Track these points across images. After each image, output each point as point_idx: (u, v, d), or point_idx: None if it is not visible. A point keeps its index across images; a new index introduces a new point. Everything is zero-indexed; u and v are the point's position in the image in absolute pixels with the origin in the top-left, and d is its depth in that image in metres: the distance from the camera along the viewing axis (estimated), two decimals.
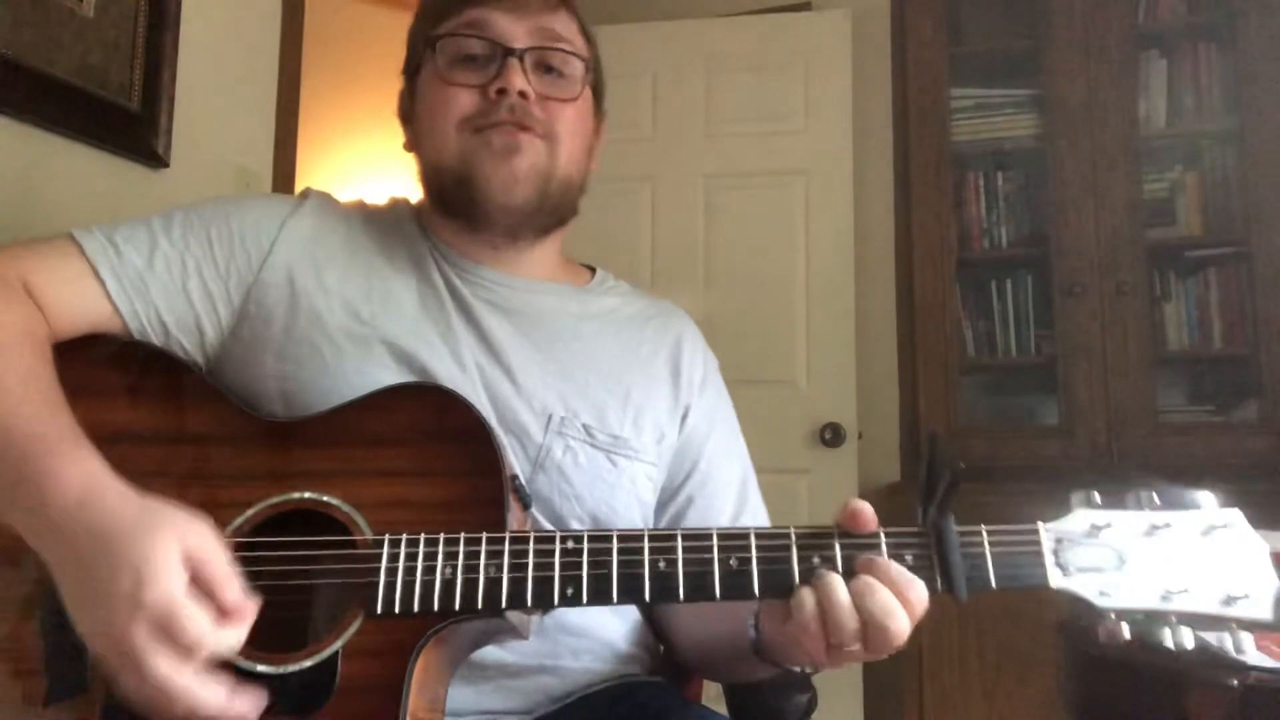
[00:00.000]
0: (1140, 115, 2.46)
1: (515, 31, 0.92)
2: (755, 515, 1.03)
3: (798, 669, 0.75)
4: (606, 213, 2.73)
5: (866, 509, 0.69)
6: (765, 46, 2.73)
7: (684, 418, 1.00)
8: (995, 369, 2.67)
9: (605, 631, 0.93)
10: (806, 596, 0.67)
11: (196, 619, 0.60)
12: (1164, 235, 2.46)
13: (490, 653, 0.83)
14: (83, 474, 0.67)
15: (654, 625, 1.01)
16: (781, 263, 2.65)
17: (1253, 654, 1.06)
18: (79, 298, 0.85)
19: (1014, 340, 2.59)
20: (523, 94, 0.90)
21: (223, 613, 0.62)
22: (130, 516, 0.63)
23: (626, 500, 0.93)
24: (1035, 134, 2.56)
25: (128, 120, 1.43)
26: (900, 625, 0.65)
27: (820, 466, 2.54)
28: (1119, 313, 2.40)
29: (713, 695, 1.07)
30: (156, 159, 1.48)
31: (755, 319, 2.62)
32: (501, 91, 0.90)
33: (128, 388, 0.83)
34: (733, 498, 1.01)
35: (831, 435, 2.54)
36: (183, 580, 0.61)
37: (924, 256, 2.56)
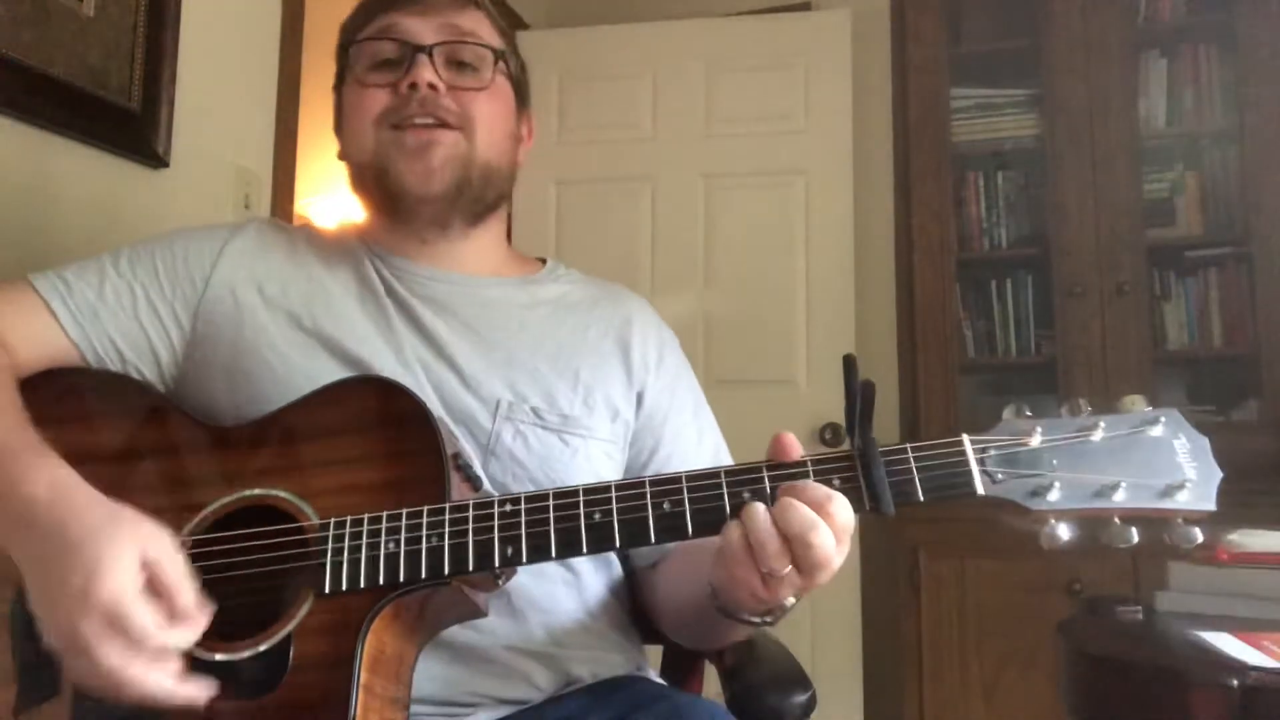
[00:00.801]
0: (1140, 115, 2.46)
1: (423, 30, 0.94)
2: None
3: (756, 620, 0.76)
4: (606, 213, 2.73)
5: (791, 439, 0.72)
6: (765, 46, 2.73)
7: (639, 398, 1.01)
8: (995, 369, 2.67)
9: (574, 610, 0.93)
10: (733, 527, 0.69)
11: (144, 616, 0.64)
12: (1164, 235, 2.46)
13: (461, 635, 0.84)
14: (51, 478, 0.70)
15: (642, 604, 1.02)
16: (781, 263, 2.65)
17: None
18: (35, 332, 0.89)
19: (1014, 340, 2.59)
20: (432, 86, 0.93)
21: (176, 616, 0.66)
22: (94, 518, 0.67)
23: (583, 480, 0.93)
24: (1035, 134, 2.56)
25: (128, 120, 1.43)
26: (822, 539, 0.67)
27: None
28: (1119, 313, 2.39)
29: (712, 694, 1.07)
30: (156, 159, 1.48)
31: (755, 319, 2.62)
32: (412, 86, 0.92)
33: (84, 412, 0.86)
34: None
35: (831, 435, 2.54)
36: (135, 581, 0.64)
37: (924, 256, 2.56)
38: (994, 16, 2.63)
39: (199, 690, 0.66)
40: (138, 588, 0.64)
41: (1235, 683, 1.01)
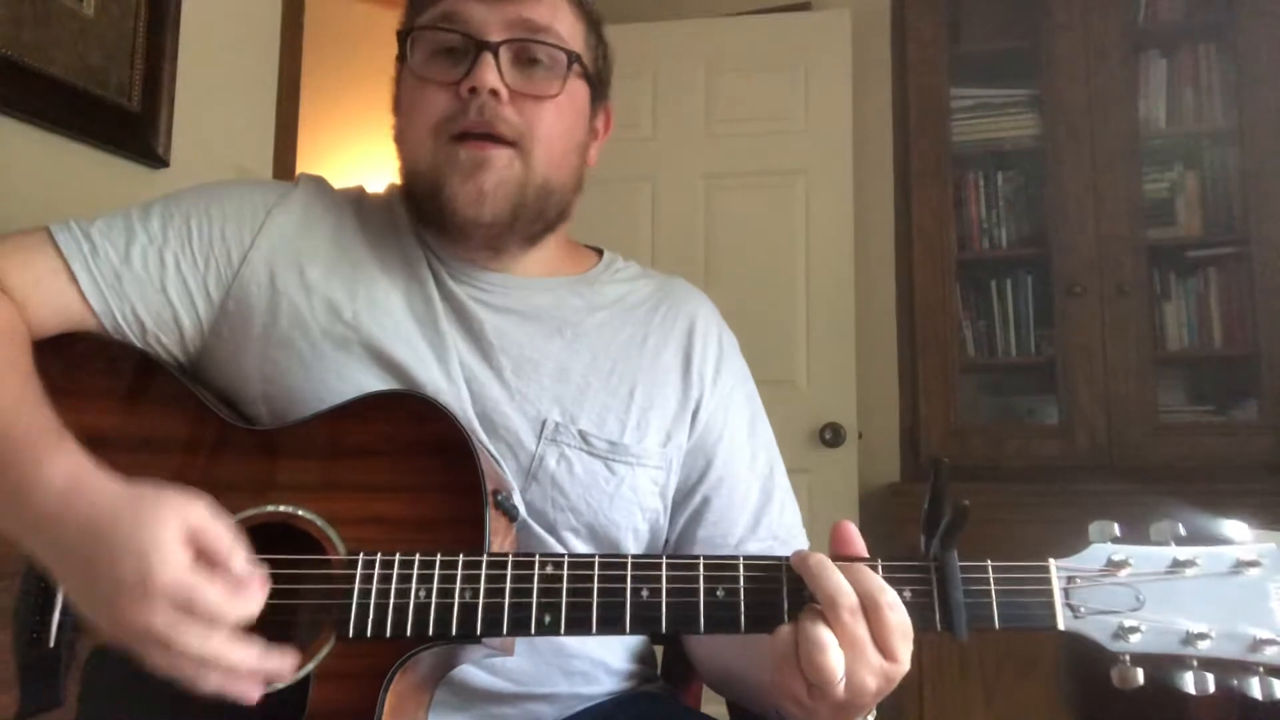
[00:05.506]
0: (1140, 115, 2.46)
1: (491, 22, 0.85)
2: (782, 511, 0.97)
3: None
4: (606, 213, 2.72)
5: (851, 530, 0.67)
6: (765, 46, 2.73)
7: (694, 414, 0.94)
8: (995, 369, 2.67)
9: (603, 652, 0.90)
10: (786, 630, 0.64)
11: (211, 591, 0.61)
12: (1164, 235, 2.46)
13: (478, 677, 0.81)
14: (66, 467, 0.66)
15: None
16: (781, 263, 2.65)
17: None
18: (53, 295, 0.82)
19: (1014, 340, 2.59)
20: (494, 92, 0.84)
21: (233, 583, 0.62)
22: (121, 504, 0.63)
23: (626, 509, 0.88)
24: (1035, 134, 2.56)
25: (128, 120, 1.43)
26: (898, 616, 0.63)
27: (820, 466, 2.53)
28: (1119, 313, 2.39)
29: (713, 696, 1.07)
30: (156, 159, 1.48)
31: (755, 319, 2.60)
32: (473, 90, 0.84)
33: (104, 390, 0.81)
34: (754, 497, 0.96)
35: (831, 435, 2.54)
36: (187, 559, 0.61)
37: (924, 256, 2.56)
38: (994, 16, 2.63)
39: (288, 662, 0.64)
40: (190, 565, 0.61)
41: (1235, 683, 1.01)
